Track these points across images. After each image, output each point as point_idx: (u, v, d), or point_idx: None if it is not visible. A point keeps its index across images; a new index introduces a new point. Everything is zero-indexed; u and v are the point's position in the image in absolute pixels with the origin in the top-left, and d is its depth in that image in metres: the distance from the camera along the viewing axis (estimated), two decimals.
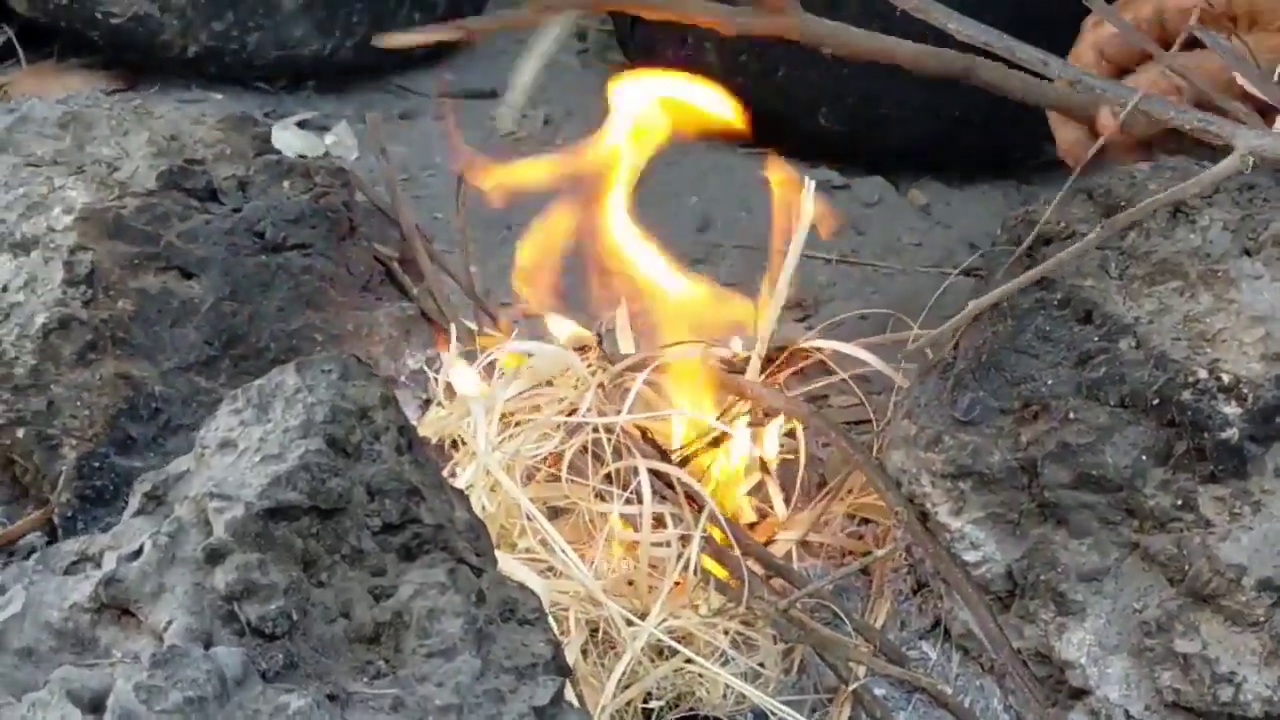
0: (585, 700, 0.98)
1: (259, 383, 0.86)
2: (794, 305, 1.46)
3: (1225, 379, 0.98)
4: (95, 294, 1.13)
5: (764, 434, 1.18)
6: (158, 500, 0.86)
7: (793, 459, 1.19)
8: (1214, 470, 0.98)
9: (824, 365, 1.28)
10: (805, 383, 1.27)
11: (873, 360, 1.23)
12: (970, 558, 1.06)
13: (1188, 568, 0.98)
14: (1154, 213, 1.05)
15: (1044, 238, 1.10)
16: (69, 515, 1.10)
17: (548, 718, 0.79)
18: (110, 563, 0.82)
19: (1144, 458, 1.00)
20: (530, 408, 1.13)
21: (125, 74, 1.76)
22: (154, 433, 1.12)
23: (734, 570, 1.07)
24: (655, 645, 1.04)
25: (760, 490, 1.18)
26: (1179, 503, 0.99)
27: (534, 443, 1.10)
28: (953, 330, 1.08)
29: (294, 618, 0.79)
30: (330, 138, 1.69)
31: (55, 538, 1.10)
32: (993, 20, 1.08)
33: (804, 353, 1.27)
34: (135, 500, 0.87)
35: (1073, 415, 1.02)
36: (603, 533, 1.07)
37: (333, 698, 0.77)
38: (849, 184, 1.66)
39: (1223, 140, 1.02)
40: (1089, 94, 1.10)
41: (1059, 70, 1.08)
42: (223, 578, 0.79)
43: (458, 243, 1.30)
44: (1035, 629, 1.04)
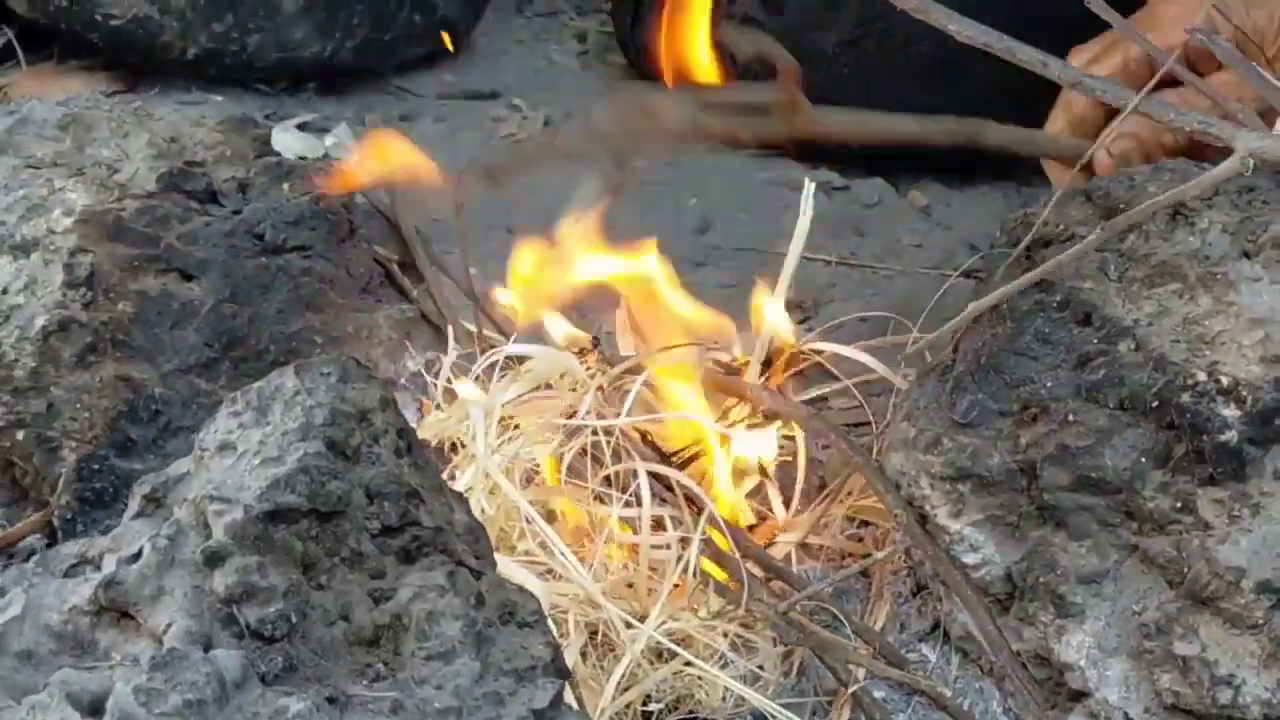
0: (584, 703, 0.98)
1: (258, 385, 0.86)
2: (793, 307, 1.46)
3: (1224, 381, 0.98)
4: (95, 296, 1.13)
5: (763, 437, 1.18)
6: (157, 503, 0.86)
7: (792, 461, 1.19)
8: (1213, 473, 0.98)
9: (823, 367, 1.28)
10: (805, 385, 1.27)
11: (872, 363, 1.23)
12: (969, 560, 1.06)
13: (1187, 570, 0.97)
14: (1153, 215, 1.05)
15: (1043, 240, 1.10)
16: (68, 518, 1.10)
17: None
18: (110, 565, 0.82)
19: (1143, 460, 1.00)
20: (531, 410, 1.13)
21: (125, 76, 1.76)
22: (154, 435, 1.12)
23: (733, 573, 1.07)
24: (654, 648, 1.04)
25: (760, 492, 1.18)
26: (1178, 505, 0.99)
27: (532, 445, 1.10)
28: (952, 332, 1.08)
29: (293, 620, 0.79)
30: (330, 139, 1.69)
31: (55, 540, 1.10)
32: (992, 20, 1.08)
33: (803, 355, 1.27)
34: (135, 503, 0.87)
35: (1072, 417, 1.02)
36: (602, 535, 1.07)
37: (332, 700, 0.77)
38: (849, 185, 1.66)
39: (1223, 142, 1.02)
40: (1077, 149, 1.19)
41: (1059, 71, 1.08)
42: (222, 580, 0.79)
43: (457, 245, 1.30)
44: (1035, 631, 1.04)
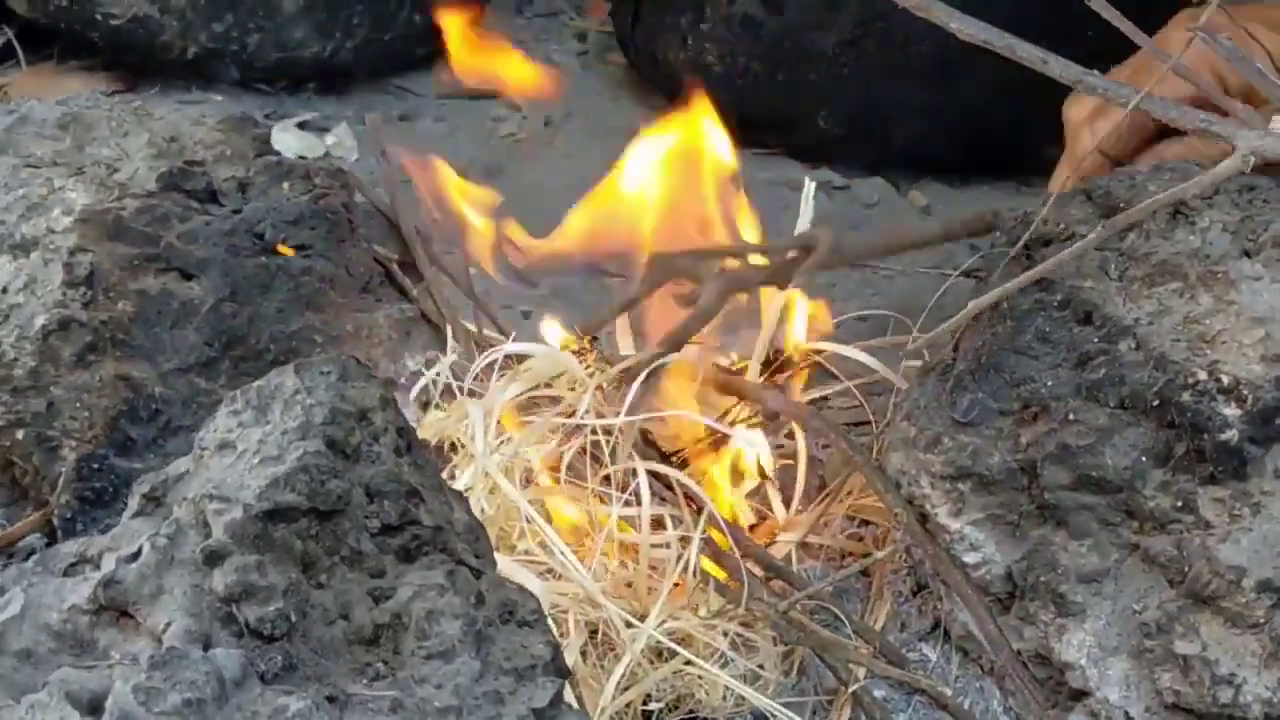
0: (584, 702, 0.98)
1: (258, 384, 0.86)
2: None
3: (1225, 380, 0.98)
4: (95, 295, 1.13)
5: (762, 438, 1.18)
6: (157, 502, 0.86)
7: (792, 461, 1.19)
8: (1214, 472, 0.98)
9: (823, 367, 1.28)
10: (805, 385, 1.27)
11: (872, 362, 1.23)
12: (970, 559, 1.06)
13: (1187, 569, 0.97)
14: (1154, 214, 1.05)
15: (1043, 239, 1.10)
16: (68, 517, 1.10)
17: (547, 719, 0.79)
18: (109, 564, 0.82)
19: (1144, 459, 1.00)
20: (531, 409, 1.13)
21: (125, 75, 1.76)
22: (153, 434, 1.12)
23: (733, 572, 1.07)
24: (654, 647, 1.04)
25: (760, 492, 1.18)
26: (1179, 504, 0.99)
27: (532, 445, 1.10)
28: (952, 331, 1.08)
29: (293, 619, 0.79)
30: (330, 139, 1.69)
31: (54, 539, 1.10)
32: (992, 20, 1.08)
33: (804, 354, 1.27)
34: (134, 502, 0.87)
35: (1072, 416, 1.02)
36: (602, 534, 1.07)
37: (332, 699, 0.77)
38: (849, 185, 1.66)
39: (1224, 141, 1.02)
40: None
41: (1059, 69, 1.08)
42: (221, 579, 0.79)
43: (457, 244, 1.30)
44: (1035, 630, 1.04)
